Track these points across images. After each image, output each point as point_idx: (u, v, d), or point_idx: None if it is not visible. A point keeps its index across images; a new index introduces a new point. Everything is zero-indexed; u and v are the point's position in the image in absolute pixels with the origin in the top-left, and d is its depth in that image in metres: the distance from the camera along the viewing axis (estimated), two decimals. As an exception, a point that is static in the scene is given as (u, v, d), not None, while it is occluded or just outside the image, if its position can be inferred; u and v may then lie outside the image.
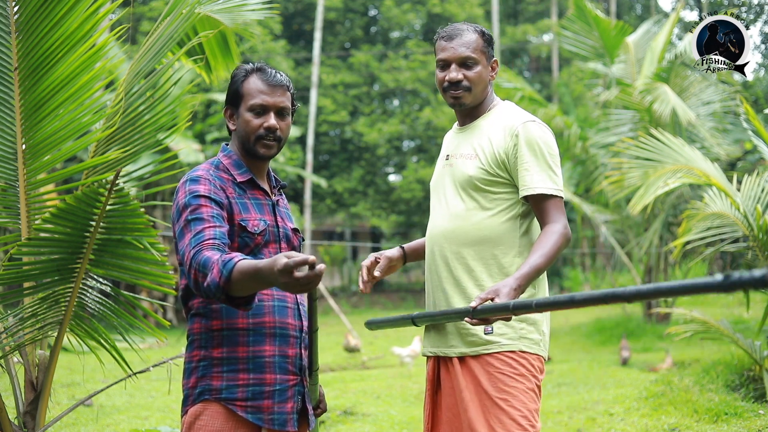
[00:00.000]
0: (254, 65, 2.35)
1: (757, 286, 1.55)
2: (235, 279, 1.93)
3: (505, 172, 2.50)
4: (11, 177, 3.17)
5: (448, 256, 2.54)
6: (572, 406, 6.03)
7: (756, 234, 5.09)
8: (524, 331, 2.48)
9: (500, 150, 2.50)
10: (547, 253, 2.37)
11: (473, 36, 2.55)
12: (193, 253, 2.05)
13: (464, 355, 2.48)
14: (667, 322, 10.66)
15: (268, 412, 2.23)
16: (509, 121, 2.53)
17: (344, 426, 5.72)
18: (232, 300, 2.01)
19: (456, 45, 2.54)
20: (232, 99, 2.35)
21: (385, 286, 23.19)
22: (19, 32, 3.10)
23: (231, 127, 2.37)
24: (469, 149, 2.57)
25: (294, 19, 21.34)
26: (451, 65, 2.55)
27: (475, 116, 2.62)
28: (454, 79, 2.53)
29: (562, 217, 2.46)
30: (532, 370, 2.47)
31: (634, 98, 10.23)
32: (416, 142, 21.08)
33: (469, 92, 2.55)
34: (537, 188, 2.45)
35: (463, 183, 2.54)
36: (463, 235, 2.52)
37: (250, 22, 4.01)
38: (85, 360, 4.17)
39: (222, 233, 2.12)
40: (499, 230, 2.50)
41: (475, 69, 2.54)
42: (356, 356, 9.79)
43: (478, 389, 2.44)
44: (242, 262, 1.93)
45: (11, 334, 3.08)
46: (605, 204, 11.74)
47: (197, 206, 2.16)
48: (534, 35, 25.63)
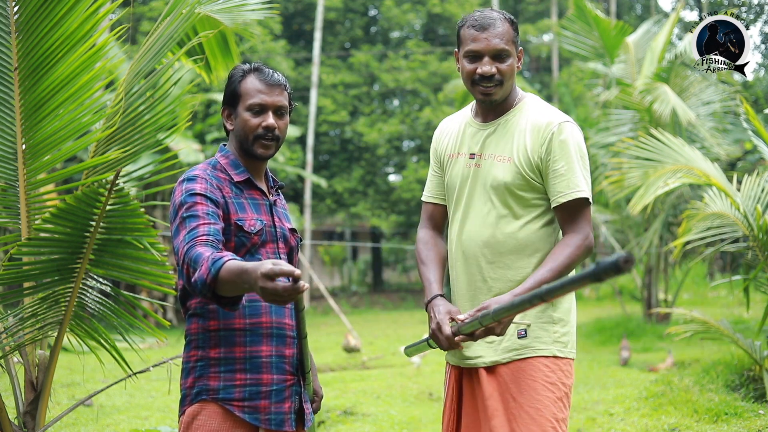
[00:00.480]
0: (251, 65, 2.35)
1: (616, 270, 1.55)
2: (222, 278, 1.92)
3: (539, 176, 2.38)
4: (11, 177, 3.17)
5: (484, 267, 2.42)
6: (572, 406, 6.02)
7: (756, 234, 5.09)
8: (558, 335, 2.38)
9: (534, 154, 2.36)
10: (557, 268, 2.27)
11: (506, 26, 2.38)
12: (186, 249, 2.05)
13: (496, 363, 2.38)
14: (667, 322, 10.65)
15: (265, 412, 2.23)
16: (542, 119, 2.39)
17: (344, 426, 5.72)
18: (219, 300, 2.00)
19: (489, 36, 2.35)
20: (230, 99, 2.35)
21: (385, 286, 23.19)
22: (19, 32, 3.10)
23: (229, 128, 2.37)
24: (503, 150, 2.41)
25: (294, 19, 21.34)
26: (484, 57, 2.36)
27: (501, 111, 2.45)
28: (488, 73, 2.36)
29: (586, 226, 2.35)
30: (563, 378, 2.37)
31: (634, 98, 10.23)
32: (416, 142, 21.07)
33: (500, 87, 2.38)
34: (573, 193, 2.32)
35: (496, 188, 2.40)
36: (498, 244, 2.40)
37: (250, 22, 4.01)
38: (85, 360, 4.16)
39: (216, 230, 2.12)
40: (535, 237, 2.40)
41: (508, 62, 2.37)
42: (356, 356, 9.78)
43: (506, 395, 2.34)
44: (231, 262, 1.92)
45: (11, 334, 3.08)
46: (605, 204, 11.73)
47: (192, 204, 2.16)
48: (534, 35, 25.63)
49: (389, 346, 10.91)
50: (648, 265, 11.27)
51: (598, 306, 15.57)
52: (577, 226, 2.34)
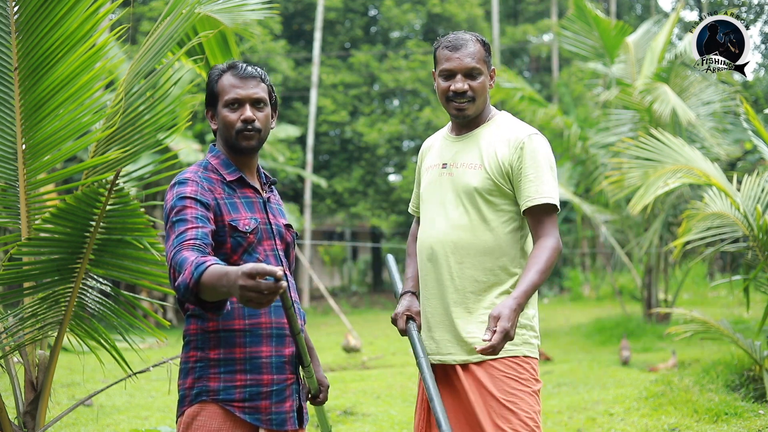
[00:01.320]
0: (226, 64, 2.37)
1: None
2: (204, 282, 1.91)
3: (509, 183, 2.52)
4: (11, 177, 3.17)
5: (453, 267, 2.54)
6: (572, 406, 6.03)
7: (756, 234, 5.09)
8: (526, 337, 2.53)
9: (505, 161, 2.50)
10: (543, 269, 2.41)
11: (477, 46, 2.56)
12: (173, 253, 2.06)
13: (467, 362, 2.51)
14: (667, 322, 10.65)
15: (266, 413, 2.23)
16: (514, 133, 2.55)
17: (344, 426, 5.72)
18: (203, 304, 2.00)
19: (462, 56, 2.54)
20: (210, 99, 2.37)
21: (385, 286, 23.20)
22: (19, 32, 3.10)
23: (213, 128, 2.39)
24: (472, 159, 2.56)
25: (294, 19, 21.33)
26: (457, 75, 2.54)
27: (473, 126, 2.62)
28: (460, 90, 2.53)
29: (555, 230, 2.49)
30: (534, 374, 2.53)
31: (634, 98, 10.23)
32: (416, 142, 21.06)
33: (473, 103, 2.55)
34: (542, 198, 2.47)
35: (467, 193, 2.54)
36: (467, 246, 2.53)
37: (250, 22, 4.01)
38: (85, 360, 4.17)
39: (204, 234, 2.12)
40: (502, 241, 2.52)
41: (480, 79, 2.55)
42: (356, 356, 9.78)
43: (483, 392, 2.47)
44: (214, 266, 1.91)
45: (11, 334, 3.08)
46: (605, 204, 11.73)
47: (182, 207, 2.17)
48: (534, 35, 25.63)
49: (389, 346, 10.91)
50: (648, 265, 11.27)
51: (598, 306, 15.58)
52: (548, 230, 2.48)
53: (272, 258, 2.32)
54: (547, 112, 11.77)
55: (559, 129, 11.89)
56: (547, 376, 7.38)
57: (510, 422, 2.42)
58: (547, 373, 7.63)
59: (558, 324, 12.99)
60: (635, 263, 13.29)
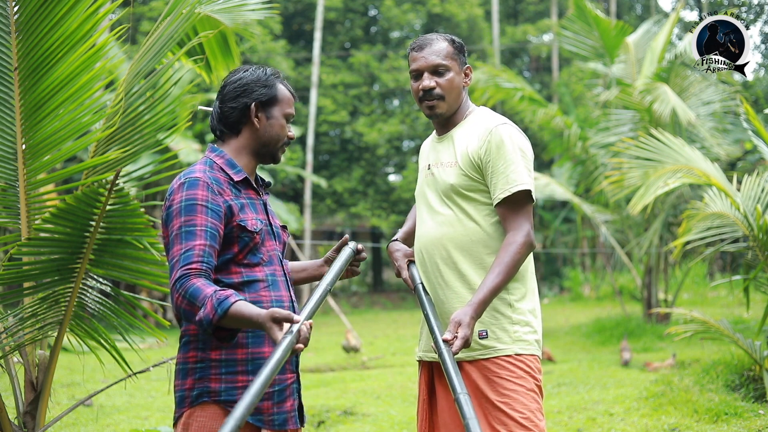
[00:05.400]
0: (276, 71, 2.39)
1: None
2: (228, 318, 2.04)
3: (481, 176, 2.53)
4: (11, 177, 3.17)
5: (439, 263, 2.57)
6: (572, 406, 6.02)
7: (756, 234, 5.09)
8: (518, 334, 2.51)
9: (475, 155, 2.52)
10: (505, 270, 2.41)
11: (443, 44, 2.59)
12: (179, 276, 2.09)
13: (460, 360, 2.50)
14: (667, 322, 10.65)
15: (268, 413, 2.23)
16: (483, 125, 2.56)
17: (344, 426, 5.72)
18: (219, 334, 2.11)
19: (426, 54, 2.57)
20: (268, 99, 2.33)
21: (385, 286, 23.19)
22: (19, 32, 3.10)
23: (256, 124, 2.33)
24: (448, 157, 2.60)
25: (294, 19, 21.33)
26: (424, 74, 2.57)
27: (452, 125, 2.64)
28: (427, 87, 2.55)
29: (526, 223, 2.48)
30: (530, 371, 2.51)
31: (634, 98, 10.23)
32: (416, 142, 21.06)
33: (443, 100, 2.57)
34: (512, 188, 2.46)
35: (446, 191, 2.57)
36: (451, 240, 2.55)
37: (250, 22, 4.01)
38: (85, 360, 4.17)
39: (210, 254, 2.14)
40: (486, 233, 2.53)
41: (447, 76, 2.56)
42: (356, 356, 9.79)
43: (477, 393, 2.47)
44: (237, 305, 2.03)
45: (11, 334, 3.08)
46: (605, 204, 11.73)
47: (192, 217, 2.17)
48: (534, 35, 25.62)
49: (389, 346, 10.91)
50: (648, 265, 11.27)
51: (598, 306, 15.57)
52: (517, 223, 2.47)
53: (274, 259, 2.33)
54: (547, 112, 11.77)
55: (559, 129, 11.88)
56: (548, 376, 7.38)
57: (506, 424, 2.42)
58: (547, 373, 7.62)
59: (558, 324, 12.99)
60: (635, 263, 13.28)
